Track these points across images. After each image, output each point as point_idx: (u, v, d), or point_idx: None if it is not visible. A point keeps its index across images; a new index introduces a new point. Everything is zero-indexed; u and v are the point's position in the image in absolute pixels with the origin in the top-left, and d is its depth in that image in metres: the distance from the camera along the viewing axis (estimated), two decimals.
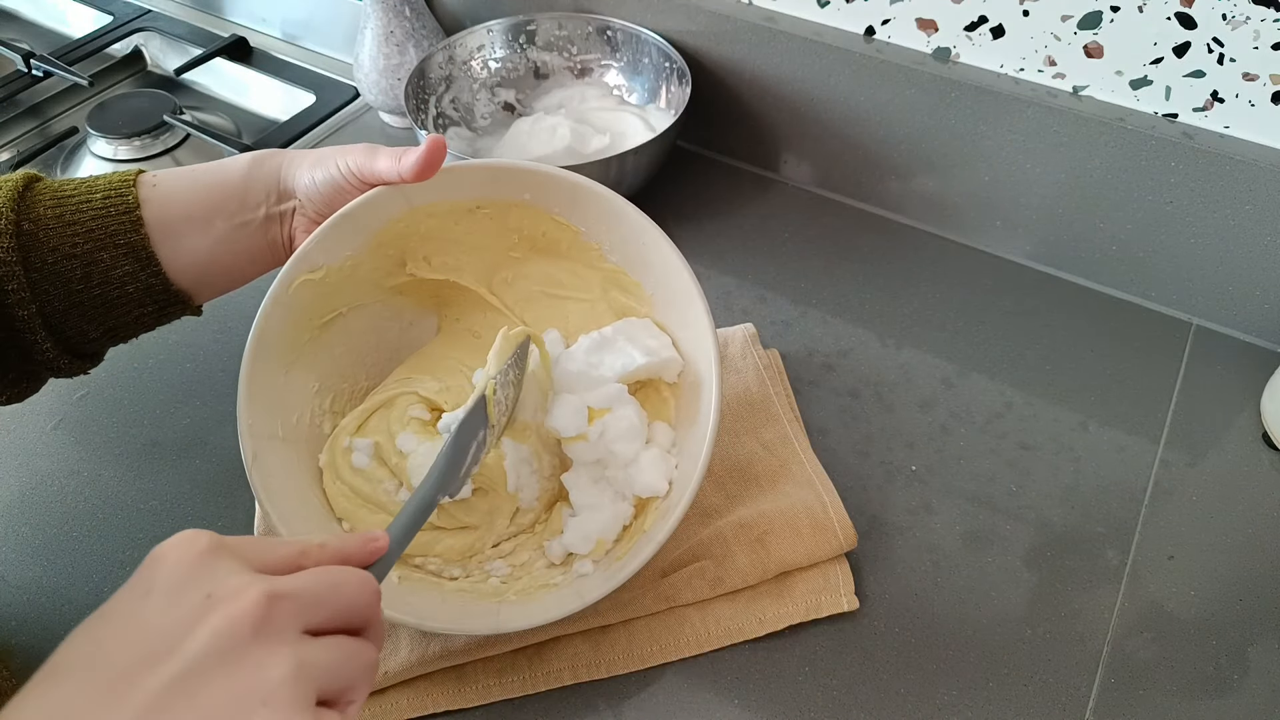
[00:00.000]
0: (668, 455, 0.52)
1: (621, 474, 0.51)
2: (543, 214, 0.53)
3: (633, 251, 0.53)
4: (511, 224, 0.55)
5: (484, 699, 0.49)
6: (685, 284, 0.51)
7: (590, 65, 0.82)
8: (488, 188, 0.52)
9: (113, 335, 0.48)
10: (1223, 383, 0.64)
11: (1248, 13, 0.57)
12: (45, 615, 0.52)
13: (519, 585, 0.50)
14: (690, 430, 0.51)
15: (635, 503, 0.52)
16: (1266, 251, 0.62)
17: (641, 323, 0.55)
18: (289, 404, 0.51)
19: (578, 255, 0.56)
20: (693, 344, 0.53)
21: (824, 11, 0.71)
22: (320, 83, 0.91)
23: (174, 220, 0.47)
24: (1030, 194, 0.69)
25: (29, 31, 1.04)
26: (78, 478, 0.58)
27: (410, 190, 0.49)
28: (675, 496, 0.49)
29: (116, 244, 0.45)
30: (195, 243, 0.47)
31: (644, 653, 0.50)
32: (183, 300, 0.48)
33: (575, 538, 0.50)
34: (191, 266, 0.48)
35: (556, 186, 0.51)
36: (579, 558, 0.50)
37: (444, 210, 0.52)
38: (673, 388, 0.55)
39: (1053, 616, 0.52)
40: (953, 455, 0.60)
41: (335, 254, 0.50)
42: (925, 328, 0.68)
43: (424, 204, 0.51)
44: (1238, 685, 0.49)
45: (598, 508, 0.51)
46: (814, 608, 0.51)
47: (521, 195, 0.52)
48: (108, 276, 0.46)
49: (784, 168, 0.80)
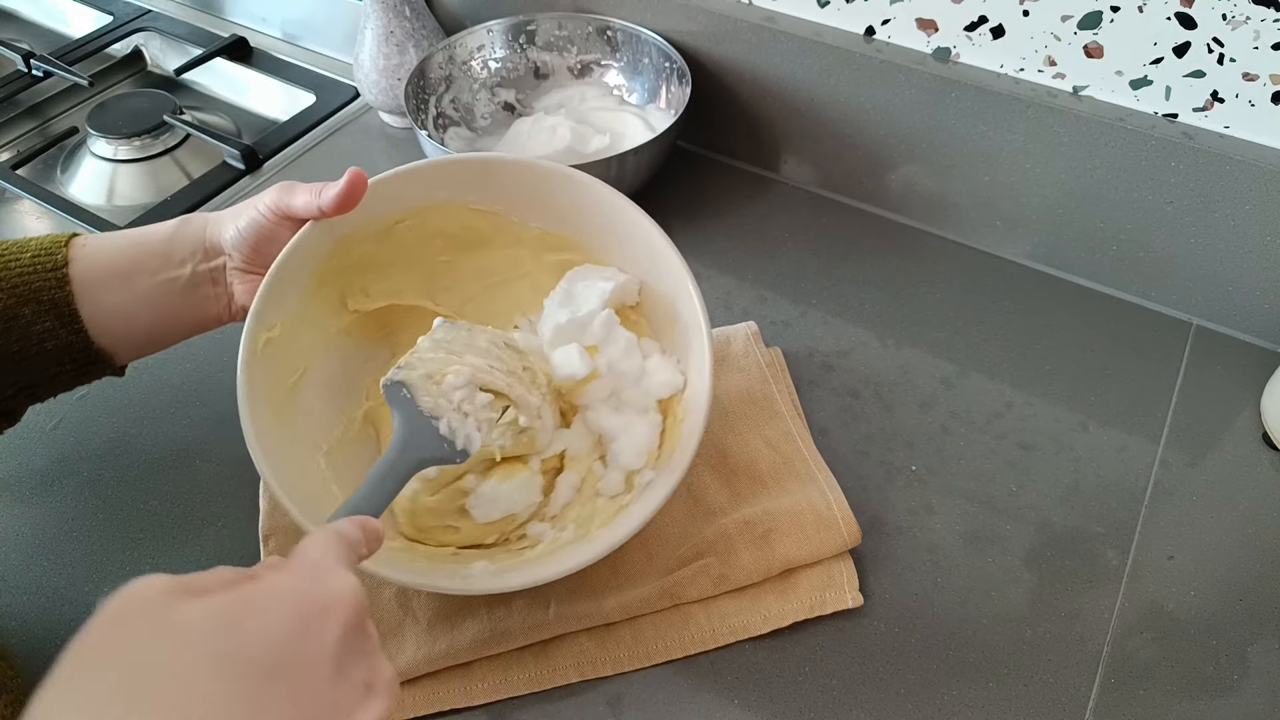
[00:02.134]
0: (666, 355, 0.54)
1: (636, 390, 0.53)
2: (460, 207, 0.54)
3: (561, 205, 0.54)
4: (433, 229, 0.55)
5: (490, 696, 0.49)
6: (616, 206, 0.52)
7: (590, 65, 0.82)
8: (402, 197, 0.52)
9: (30, 394, 0.48)
10: (1223, 383, 0.64)
11: (1248, 13, 0.57)
12: (45, 615, 0.52)
13: (597, 522, 0.50)
14: (673, 329, 0.54)
15: (659, 407, 0.53)
16: (1266, 251, 0.62)
17: (582, 268, 0.56)
18: (297, 455, 0.50)
19: (503, 237, 0.57)
20: (646, 256, 0.54)
21: (824, 11, 0.71)
22: (320, 83, 0.91)
23: (97, 276, 0.48)
24: (1030, 194, 0.69)
25: (29, 31, 1.04)
26: (78, 478, 0.58)
27: (332, 223, 0.50)
28: (696, 385, 0.51)
29: (39, 300, 0.46)
30: (117, 298, 0.48)
31: (649, 650, 0.50)
32: (103, 359, 0.49)
33: (627, 459, 0.52)
34: (113, 323, 0.48)
35: (465, 172, 0.52)
36: (638, 472, 0.51)
37: (368, 235, 0.53)
38: (637, 308, 0.56)
39: (1053, 616, 0.52)
40: (953, 455, 0.60)
41: (283, 306, 0.50)
42: (925, 328, 0.68)
43: (349, 232, 0.52)
44: (1238, 685, 0.49)
45: (630, 427, 0.53)
46: (819, 604, 0.51)
47: (435, 195, 0.53)
48: (28, 332, 0.46)
49: (784, 168, 0.80)
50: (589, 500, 0.52)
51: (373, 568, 0.43)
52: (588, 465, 0.53)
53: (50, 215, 0.78)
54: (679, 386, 0.53)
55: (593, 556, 0.45)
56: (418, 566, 0.48)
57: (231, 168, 0.81)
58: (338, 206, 0.48)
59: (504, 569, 0.47)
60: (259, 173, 0.81)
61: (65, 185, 0.84)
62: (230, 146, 0.81)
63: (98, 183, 0.83)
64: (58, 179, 0.84)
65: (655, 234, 0.52)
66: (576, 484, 0.53)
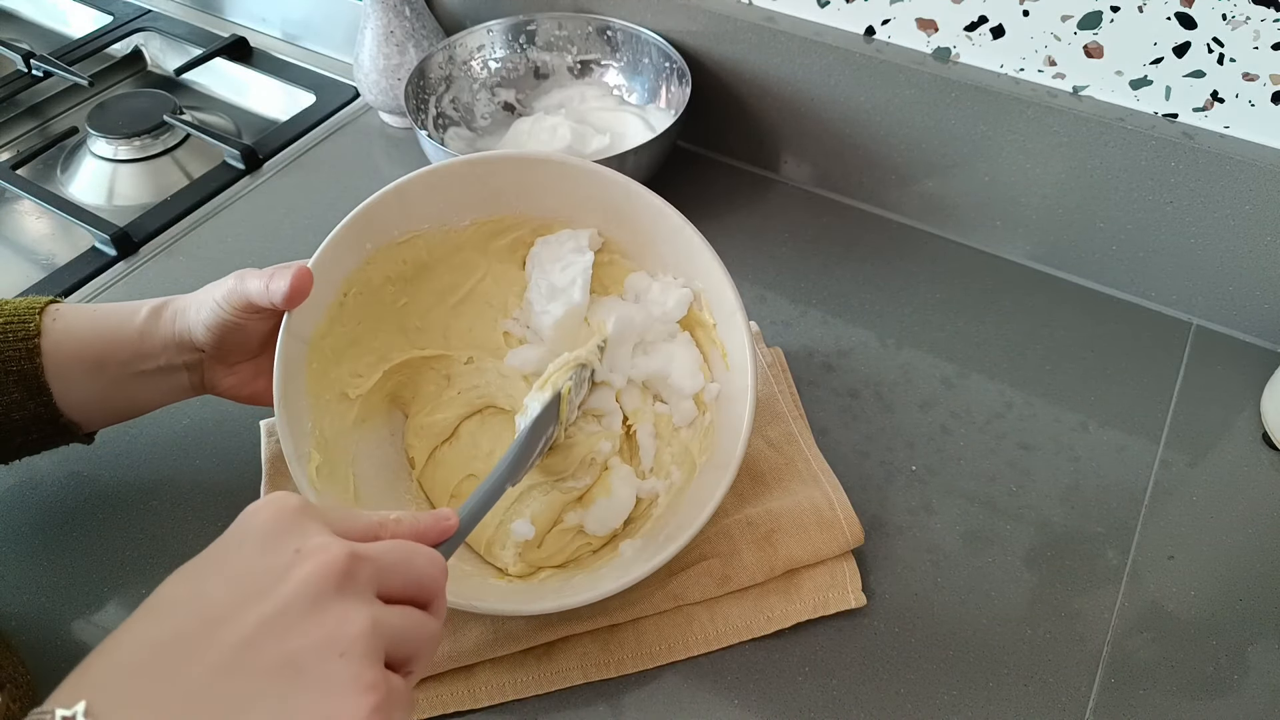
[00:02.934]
0: (660, 278, 0.56)
1: (654, 323, 0.55)
2: (391, 246, 0.53)
3: (483, 192, 0.54)
4: (378, 280, 0.54)
5: (494, 699, 0.49)
6: (532, 164, 0.53)
7: (590, 65, 0.82)
8: (340, 265, 0.51)
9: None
10: (1223, 383, 0.64)
11: (1248, 13, 0.57)
12: (45, 615, 0.52)
13: (697, 450, 0.53)
14: (652, 245, 0.55)
15: (683, 325, 0.56)
16: (1267, 251, 0.62)
17: (538, 247, 0.57)
18: None
19: (441, 250, 0.56)
20: (587, 193, 0.54)
21: (824, 11, 0.71)
22: (320, 83, 0.91)
23: (66, 359, 0.48)
24: (1030, 194, 0.69)
25: (29, 31, 1.04)
26: (77, 478, 0.58)
27: (293, 325, 0.49)
28: (737, 363, 0.52)
29: (8, 370, 0.46)
30: (87, 384, 0.48)
31: (653, 651, 0.50)
32: (71, 430, 0.49)
33: (683, 383, 0.54)
34: (83, 404, 0.49)
35: (380, 213, 0.51)
36: (702, 391, 0.54)
37: (326, 323, 0.52)
38: (607, 247, 0.57)
39: (1053, 616, 0.52)
40: (953, 455, 0.60)
41: (302, 429, 0.49)
42: (925, 328, 0.68)
43: (311, 330, 0.51)
44: (1238, 685, 0.49)
45: (669, 357, 0.55)
46: (822, 604, 0.51)
47: (364, 248, 0.52)
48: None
49: (784, 168, 0.80)
50: (673, 439, 0.54)
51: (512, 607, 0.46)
52: (650, 412, 0.55)
53: (50, 215, 0.78)
54: (689, 298, 0.54)
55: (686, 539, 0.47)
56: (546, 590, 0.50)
57: (231, 168, 0.81)
58: (288, 301, 0.47)
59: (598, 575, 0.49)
60: (259, 173, 0.81)
61: (65, 185, 0.84)
62: (230, 146, 0.81)
63: (98, 183, 0.83)
64: (58, 179, 0.84)
65: (580, 168, 0.51)
66: (653, 432, 0.55)
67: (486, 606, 0.45)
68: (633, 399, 0.56)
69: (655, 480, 0.54)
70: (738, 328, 0.51)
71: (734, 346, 0.52)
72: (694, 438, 0.54)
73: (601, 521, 0.53)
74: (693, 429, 0.54)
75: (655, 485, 0.54)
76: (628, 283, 0.57)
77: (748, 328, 0.50)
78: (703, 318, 0.54)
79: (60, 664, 0.49)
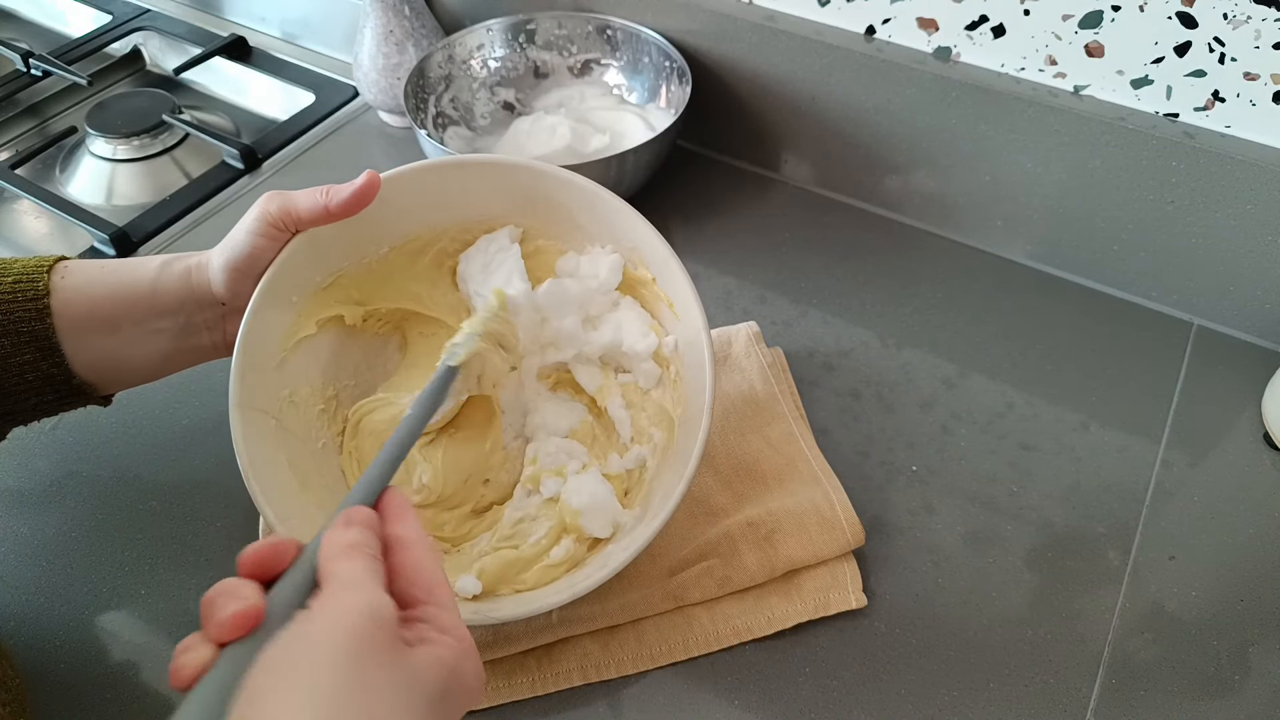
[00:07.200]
0: (587, 252, 0.55)
1: (593, 296, 0.54)
2: (318, 293, 0.52)
3: (408, 211, 0.53)
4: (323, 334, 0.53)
5: (494, 700, 0.49)
6: (439, 169, 0.52)
7: (590, 64, 0.82)
8: (273, 325, 0.50)
9: (10, 419, 0.48)
10: (1224, 383, 0.64)
11: (1249, 12, 0.57)
12: (45, 615, 0.52)
13: (671, 404, 0.52)
14: (575, 219, 0.54)
15: (621, 290, 0.55)
16: (1267, 251, 0.62)
17: (463, 262, 0.55)
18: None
19: (369, 284, 0.55)
20: (496, 186, 0.53)
21: (824, 11, 0.71)
22: (320, 82, 0.91)
23: (78, 316, 0.46)
24: (1031, 194, 0.69)
25: (28, 31, 1.04)
26: (77, 478, 0.58)
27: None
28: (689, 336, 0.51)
29: (19, 331, 0.45)
30: (101, 342, 0.47)
31: (653, 652, 0.50)
32: (87, 391, 0.48)
33: (636, 345, 0.53)
34: (97, 363, 0.47)
35: (298, 259, 0.49)
36: (659, 346, 0.53)
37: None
38: (529, 235, 0.56)
39: (1054, 617, 0.52)
40: (953, 456, 0.59)
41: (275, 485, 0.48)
42: (925, 328, 0.68)
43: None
44: (1239, 686, 0.49)
45: (617, 324, 0.54)
46: (822, 605, 0.51)
47: (290, 301, 0.51)
48: (6, 364, 0.45)
49: (784, 167, 0.80)
50: (645, 403, 0.54)
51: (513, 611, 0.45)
52: (615, 385, 0.55)
53: (49, 215, 0.78)
54: (620, 263, 0.54)
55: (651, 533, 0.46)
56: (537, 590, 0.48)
57: (230, 167, 0.81)
58: (349, 205, 0.46)
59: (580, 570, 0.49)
60: (258, 172, 0.81)
61: (64, 185, 0.83)
62: (229, 146, 0.81)
63: (97, 182, 0.83)
64: (57, 178, 0.84)
65: (473, 163, 0.51)
66: (622, 403, 0.54)
67: (504, 614, 0.45)
68: (593, 377, 0.55)
69: (639, 448, 0.53)
70: (674, 275, 0.50)
71: (677, 295, 0.51)
72: (665, 395, 0.53)
73: (598, 525, 0.51)
74: (661, 387, 0.54)
75: (641, 452, 0.53)
76: (558, 266, 0.55)
77: (684, 272, 0.49)
78: (640, 275, 0.53)
79: (52, 667, 0.49)
